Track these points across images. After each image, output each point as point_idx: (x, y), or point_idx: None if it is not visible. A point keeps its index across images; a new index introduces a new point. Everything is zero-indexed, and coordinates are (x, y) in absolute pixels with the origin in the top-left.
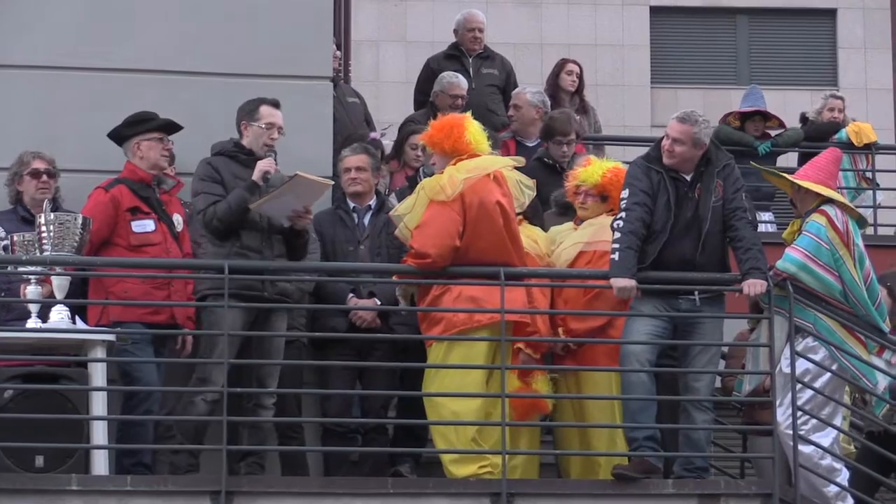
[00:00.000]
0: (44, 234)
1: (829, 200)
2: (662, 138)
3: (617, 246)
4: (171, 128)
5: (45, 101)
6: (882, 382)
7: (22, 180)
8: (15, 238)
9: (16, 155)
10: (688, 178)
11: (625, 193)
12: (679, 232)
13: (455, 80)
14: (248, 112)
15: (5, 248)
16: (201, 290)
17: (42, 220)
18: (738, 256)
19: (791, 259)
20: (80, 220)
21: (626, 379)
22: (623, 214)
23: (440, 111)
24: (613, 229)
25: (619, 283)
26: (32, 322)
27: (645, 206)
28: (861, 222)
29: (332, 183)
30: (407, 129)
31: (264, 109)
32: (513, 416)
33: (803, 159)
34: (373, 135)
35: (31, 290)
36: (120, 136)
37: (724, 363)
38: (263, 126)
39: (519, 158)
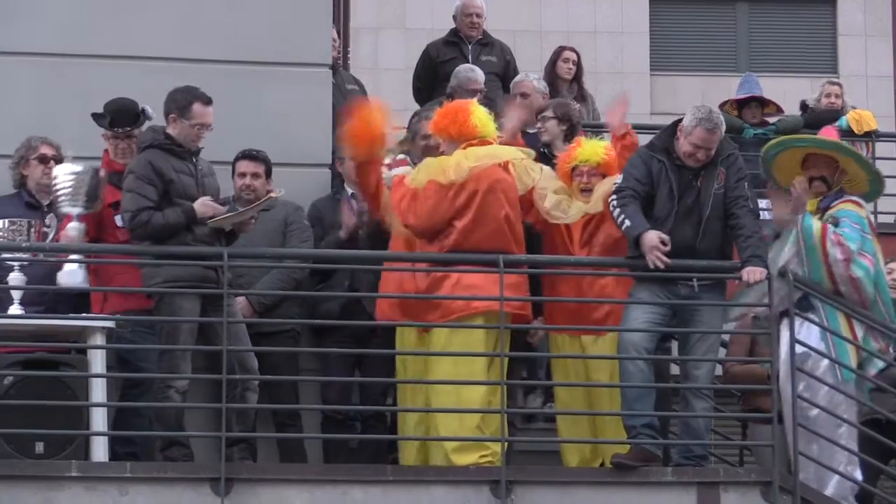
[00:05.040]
0: (58, 189)
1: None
2: (669, 127)
3: (623, 215)
4: (117, 122)
5: (45, 89)
6: (872, 371)
7: (28, 164)
8: None
9: (17, 142)
10: (693, 166)
11: (618, 178)
12: (680, 218)
13: (472, 74)
14: (181, 107)
15: None
16: (157, 281)
17: (55, 174)
18: (739, 244)
19: (863, 266)
20: (90, 170)
21: (623, 368)
22: (615, 195)
23: None
24: (612, 208)
25: (647, 240)
26: (14, 309)
27: (634, 190)
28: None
29: (282, 192)
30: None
31: (197, 108)
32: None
33: None
34: None
35: (14, 277)
36: None
37: (724, 352)
38: (193, 126)
39: (529, 151)
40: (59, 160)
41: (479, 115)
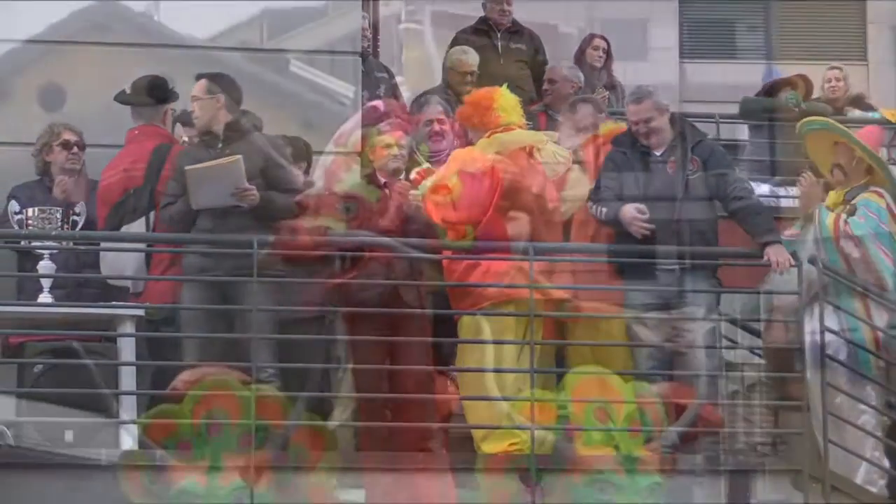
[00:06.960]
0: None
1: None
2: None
3: (599, 209)
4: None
5: (68, 77)
6: None
7: (52, 150)
8: (29, 213)
9: (36, 129)
10: (658, 153)
11: None
12: (653, 196)
13: (463, 57)
14: None
15: (20, 223)
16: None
17: None
18: (749, 221)
19: (860, 226)
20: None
21: None
22: (590, 200)
23: (452, 87)
24: (591, 212)
25: (625, 213)
26: (44, 297)
27: (606, 188)
28: None
29: (238, 157)
30: (415, 108)
31: None
32: None
33: None
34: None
35: (44, 265)
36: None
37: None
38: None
39: (553, 134)
40: (81, 146)
41: (504, 103)
